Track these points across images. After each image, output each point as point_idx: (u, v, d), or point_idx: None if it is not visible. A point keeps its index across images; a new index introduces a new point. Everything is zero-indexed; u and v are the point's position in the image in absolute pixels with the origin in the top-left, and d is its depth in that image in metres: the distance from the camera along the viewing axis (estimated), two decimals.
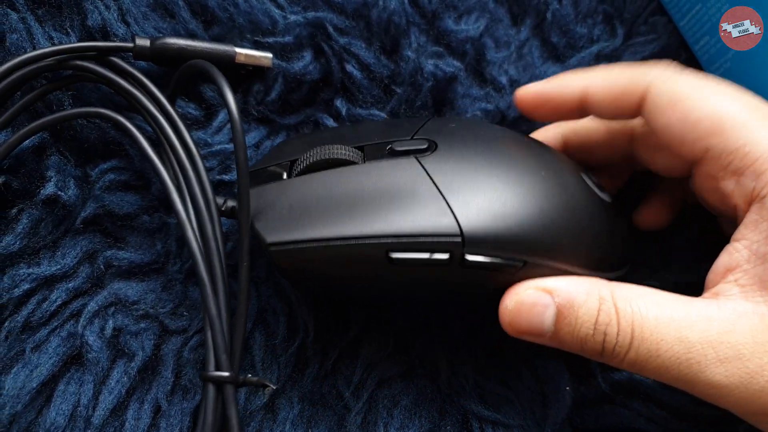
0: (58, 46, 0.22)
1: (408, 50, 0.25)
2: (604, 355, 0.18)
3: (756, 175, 0.17)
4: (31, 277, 0.22)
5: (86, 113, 0.22)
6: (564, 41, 0.27)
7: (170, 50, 0.23)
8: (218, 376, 0.19)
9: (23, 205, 0.22)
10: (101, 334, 0.22)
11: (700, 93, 0.19)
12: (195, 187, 0.20)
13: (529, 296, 0.18)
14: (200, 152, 0.20)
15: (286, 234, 0.18)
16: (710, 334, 0.16)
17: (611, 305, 0.17)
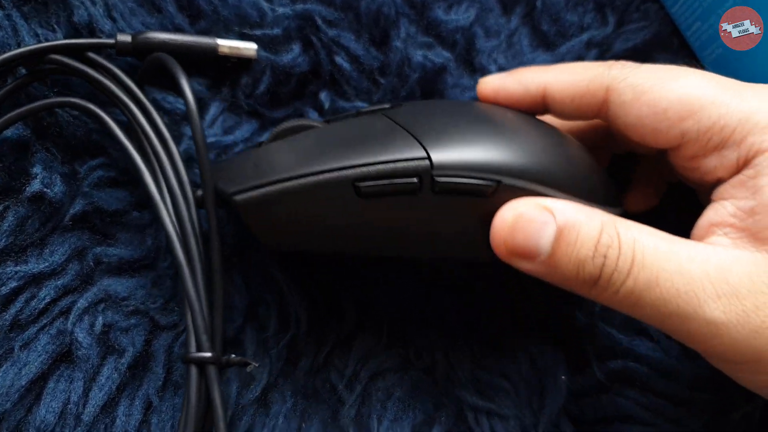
0: (39, 45, 0.22)
1: (397, 41, 0.25)
2: (600, 283, 0.17)
3: (737, 144, 0.18)
4: (19, 275, 0.22)
5: (59, 103, 0.22)
6: (554, 29, 0.27)
7: (152, 45, 0.23)
8: (200, 357, 0.19)
9: (8, 202, 0.22)
10: (91, 330, 0.22)
11: (662, 82, 0.19)
12: (169, 171, 0.20)
13: (529, 210, 0.17)
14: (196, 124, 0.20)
15: (250, 182, 0.18)
16: (709, 270, 0.16)
17: (613, 229, 0.17)
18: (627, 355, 0.23)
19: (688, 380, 0.22)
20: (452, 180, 0.17)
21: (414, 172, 0.17)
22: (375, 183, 0.17)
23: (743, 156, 0.18)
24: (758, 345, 0.16)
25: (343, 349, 0.23)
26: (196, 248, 0.20)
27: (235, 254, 0.24)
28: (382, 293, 0.24)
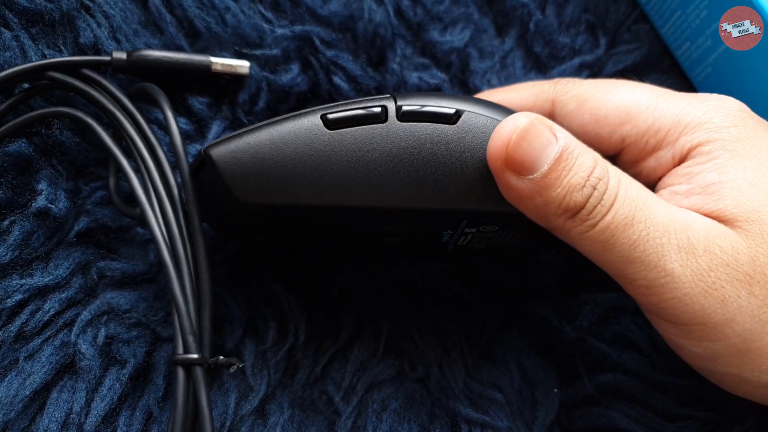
0: (38, 62, 0.22)
1: (393, 63, 0.26)
2: (580, 214, 0.17)
3: (671, 144, 0.19)
4: (24, 288, 0.22)
5: (52, 113, 0.23)
6: (547, 51, 0.28)
7: (147, 62, 0.24)
8: (186, 359, 0.19)
9: (14, 217, 0.23)
10: (94, 342, 0.22)
11: (601, 92, 0.20)
12: (157, 178, 0.21)
13: (538, 125, 0.17)
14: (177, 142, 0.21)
15: (226, 140, 0.19)
16: (676, 222, 0.17)
17: (605, 164, 0.18)
18: (616, 369, 0.24)
19: (677, 395, 0.23)
20: (416, 109, 0.18)
21: (379, 105, 0.18)
22: (342, 111, 0.18)
23: (677, 154, 0.19)
24: (707, 306, 0.17)
25: (340, 361, 0.24)
26: (183, 251, 0.20)
27: (235, 267, 0.24)
28: (378, 306, 0.25)
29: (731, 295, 0.17)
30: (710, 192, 0.18)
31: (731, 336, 0.17)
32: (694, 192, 0.18)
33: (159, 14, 0.25)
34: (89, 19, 0.25)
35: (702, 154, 0.19)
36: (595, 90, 0.21)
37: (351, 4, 0.26)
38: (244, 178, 0.18)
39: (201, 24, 0.25)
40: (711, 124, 0.19)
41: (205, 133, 0.25)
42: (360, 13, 0.26)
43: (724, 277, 0.17)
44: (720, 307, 0.17)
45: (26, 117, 0.23)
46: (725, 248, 0.17)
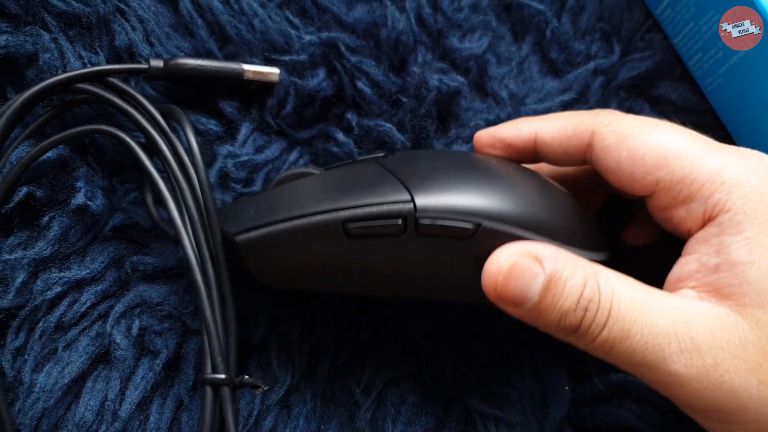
0: (80, 70, 0.23)
1: (414, 66, 0.27)
2: (578, 332, 0.18)
3: (704, 199, 0.19)
4: (63, 281, 0.23)
5: (90, 130, 0.24)
6: (563, 57, 0.28)
7: (182, 70, 0.25)
8: (215, 379, 0.20)
9: (54, 213, 0.24)
10: (128, 333, 0.23)
11: (642, 131, 0.20)
12: (190, 201, 0.22)
13: (522, 260, 0.18)
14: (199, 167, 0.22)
15: (249, 223, 0.20)
16: (676, 324, 0.17)
17: (595, 282, 0.18)
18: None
19: None
20: (435, 222, 0.18)
21: (398, 214, 0.18)
22: (362, 224, 0.18)
23: (709, 211, 0.19)
24: (717, 397, 0.17)
25: (360, 359, 0.25)
26: (213, 274, 0.21)
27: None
28: (397, 307, 0.26)
29: (741, 385, 0.17)
30: (736, 273, 0.18)
31: (747, 421, 0.17)
32: (722, 269, 0.18)
33: (190, 18, 0.26)
34: (124, 23, 0.26)
35: (734, 225, 0.18)
36: (636, 127, 0.20)
37: (374, 11, 0.27)
38: (267, 268, 0.20)
39: (231, 30, 0.26)
40: (748, 187, 0.18)
41: (234, 135, 0.26)
42: (383, 21, 0.27)
43: (733, 369, 0.17)
44: (731, 397, 0.17)
45: (68, 133, 0.24)
46: (732, 341, 0.17)
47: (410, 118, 0.26)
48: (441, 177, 0.19)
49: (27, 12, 0.25)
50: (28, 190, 0.24)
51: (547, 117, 0.23)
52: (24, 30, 0.25)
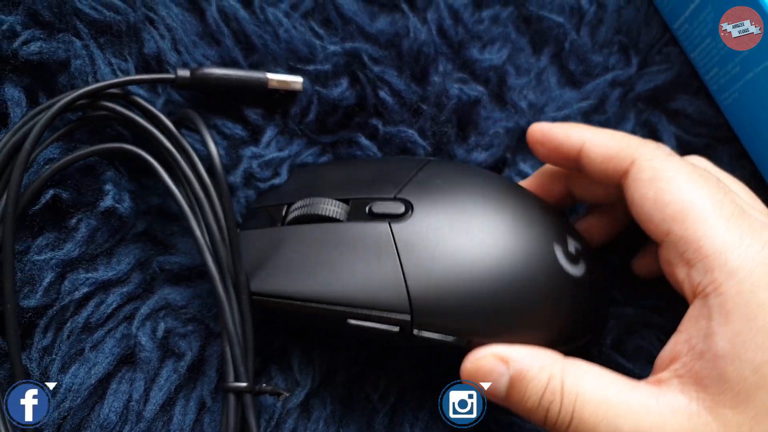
0: (110, 81, 0.24)
1: (435, 76, 0.27)
2: (547, 425, 0.19)
3: (705, 270, 0.18)
4: (90, 282, 0.24)
5: (118, 149, 0.24)
6: (581, 69, 0.29)
7: (209, 79, 0.25)
8: (237, 387, 0.21)
9: (82, 215, 0.24)
10: (153, 335, 0.24)
11: (678, 178, 0.20)
12: (209, 215, 0.22)
13: (487, 363, 0.20)
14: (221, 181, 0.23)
15: (266, 285, 0.22)
16: (642, 427, 0.18)
17: (558, 383, 0.19)
18: None
19: None
20: (428, 336, 0.20)
21: (396, 323, 0.20)
22: (362, 324, 0.21)
23: (704, 285, 0.19)
24: None
25: (378, 365, 0.25)
26: (233, 287, 0.22)
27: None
28: None
29: None
30: (717, 366, 0.18)
31: None
32: (706, 358, 0.18)
33: (217, 27, 0.27)
34: (153, 31, 0.26)
35: (723, 313, 0.18)
36: (674, 172, 0.20)
37: (396, 22, 0.27)
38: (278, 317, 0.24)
39: (256, 39, 0.27)
40: (748, 276, 0.18)
41: (259, 138, 0.26)
42: (405, 32, 0.27)
43: None
44: None
45: (95, 149, 0.24)
46: None
47: (431, 125, 0.27)
48: (444, 277, 0.20)
49: (60, 20, 0.25)
50: (54, 192, 0.24)
51: (599, 130, 0.23)
52: (57, 37, 0.25)
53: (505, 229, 0.21)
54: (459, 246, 0.20)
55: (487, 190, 0.22)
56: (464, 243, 0.20)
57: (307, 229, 0.22)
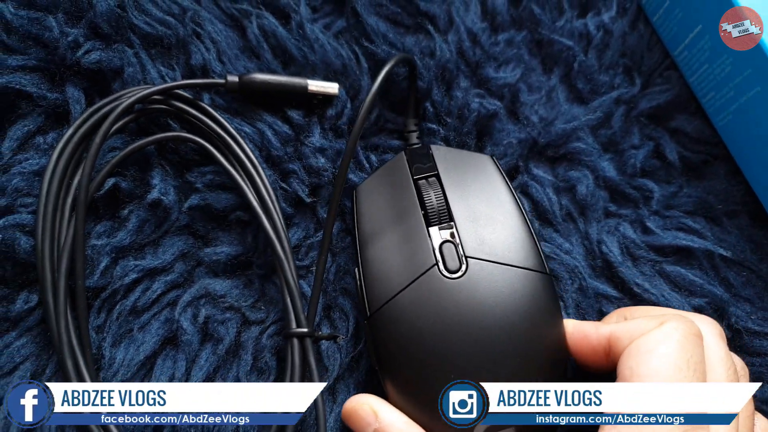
0: (169, 84, 0.27)
1: (457, 91, 0.30)
2: None
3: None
4: (138, 269, 0.26)
5: (174, 137, 0.27)
6: (588, 87, 0.31)
7: (255, 84, 0.28)
8: (299, 332, 0.24)
9: (133, 207, 0.27)
10: (194, 320, 0.26)
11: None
12: (261, 188, 0.26)
13: (361, 408, 0.22)
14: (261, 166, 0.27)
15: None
16: None
17: None
18: None
19: None
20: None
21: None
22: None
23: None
24: None
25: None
26: (289, 248, 0.25)
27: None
28: None
29: None
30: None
31: None
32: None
33: (257, 42, 0.29)
34: (199, 44, 0.29)
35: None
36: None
37: (421, 42, 0.30)
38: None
39: (296, 52, 0.29)
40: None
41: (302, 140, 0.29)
42: (428, 50, 0.30)
43: None
44: None
45: (152, 138, 0.27)
46: None
47: (454, 136, 0.29)
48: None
49: (117, 32, 0.28)
50: (115, 181, 0.26)
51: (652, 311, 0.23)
52: (113, 47, 0.28)
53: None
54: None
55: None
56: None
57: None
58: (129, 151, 0.26)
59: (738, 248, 0.29)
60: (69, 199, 0.25)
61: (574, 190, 0.30)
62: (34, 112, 0.27)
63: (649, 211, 0.30)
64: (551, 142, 0.30)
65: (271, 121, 0.28)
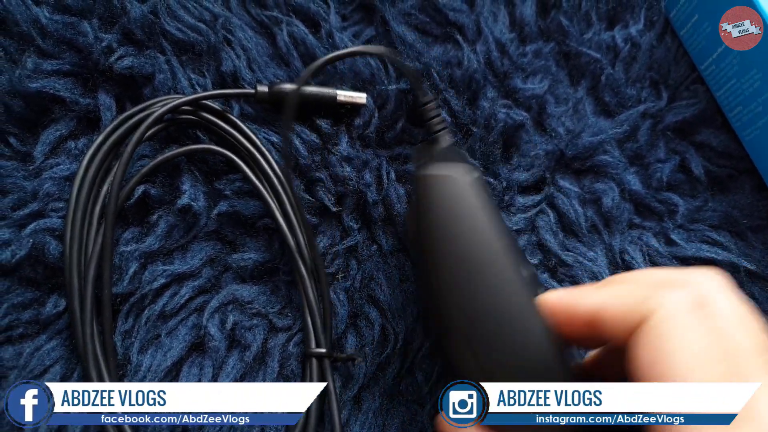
0: (200, 93, 0.27)
1: (484, 101, 0.30)
2: None
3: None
4: (166, 273, 0.26)
5: (201, 149, 0.27)
6: (615, 100, 0.31)
7: (284, 94, 0.28)
8: (318, 352, 0.24)
9: (162, 212, 0.27)
10: (222, 327, 0.26)
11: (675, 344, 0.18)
12: (286, 203, 0.26)
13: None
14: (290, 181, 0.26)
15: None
16: None
17: None
18: None
19: None
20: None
21: None
22: None
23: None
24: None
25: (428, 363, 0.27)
26: (312, 264, 0.25)
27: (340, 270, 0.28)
28: None
29: None
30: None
31: None
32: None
33: (287, 50, 0.30)
34: (230, 51, 0.29)
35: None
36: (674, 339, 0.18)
37: (449, 51, 0.30)
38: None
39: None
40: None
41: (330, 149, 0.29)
42: (455, 60, 0.30)
43: None
44: None
45: (182, 150, 0.27)
46: None
47: (480, 146, 0.29)
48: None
49: (149, 38, 0.28)
50: (144, 188, 0.27)
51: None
52: (145, 53, 0.28)
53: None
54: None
55: None
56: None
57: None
58: (158, 162, 0.26)
59: (763, 263, 0.29)
60: (98, 207, 0.25)
61: (599, 202, 0.30)
62: (66, 117, 0.27)
63: (673, 225, 0.30)
64: (578, 154, 0.30)
65: (299, 130, 0.29)
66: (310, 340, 0.25)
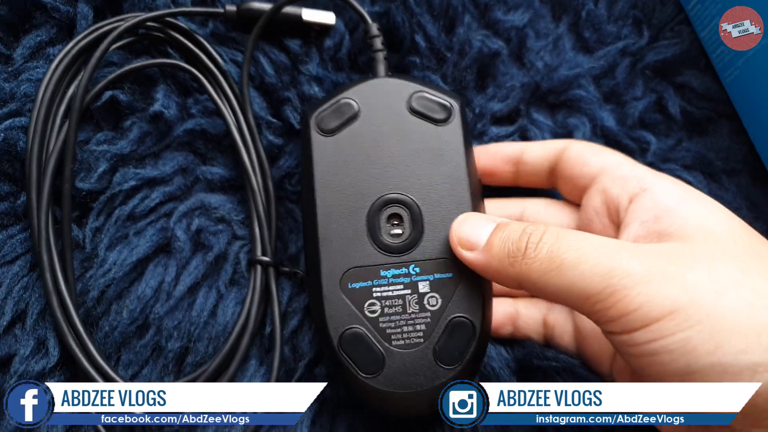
0: (167, 10, 0.27)
1: (460, 28, 0.30)
2: (526, 253, 0.20)
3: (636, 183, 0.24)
4: (137, 177, 0.27)
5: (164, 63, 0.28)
6: (595, 37, 0.31)
7: (252, 12, 0.28)
8: (263, 260, 0.25)
9: (135, 119, 0.28)
10: (188, 230, 0.27)
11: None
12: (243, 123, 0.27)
13: (477, 216, 0.22)
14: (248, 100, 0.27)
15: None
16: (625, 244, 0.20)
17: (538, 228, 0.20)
18: None
19: None
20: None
21: None
22: None
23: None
24: (671, 292, 0.18)
25: None
26: (262, 181, 0.26)
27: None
28: None
29: (691, 279, 0.18)
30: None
31: (703, 319, 0.17)
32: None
33: None
34: None
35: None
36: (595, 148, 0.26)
37: None
38: None
39: None
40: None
41: (299, 68, 0.29)
42: None
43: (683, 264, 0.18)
44: (683, 291, 0.18)
45: (150, 62, 0.28)
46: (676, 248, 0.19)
47: (452, 71, 0.29)
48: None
49: None
50: (112, 94, 0.27)
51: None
52: None
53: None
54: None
55: None
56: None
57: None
58: (126, 70, 0.27)
59: (734, 205, 0.29)
60: (62, 107, 0.26)
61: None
62: (47, 23, 0.28)
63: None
64: (553, 88, 0.30)
65: (267, 49, 0.29)
66: (256, 248, 0.26)
